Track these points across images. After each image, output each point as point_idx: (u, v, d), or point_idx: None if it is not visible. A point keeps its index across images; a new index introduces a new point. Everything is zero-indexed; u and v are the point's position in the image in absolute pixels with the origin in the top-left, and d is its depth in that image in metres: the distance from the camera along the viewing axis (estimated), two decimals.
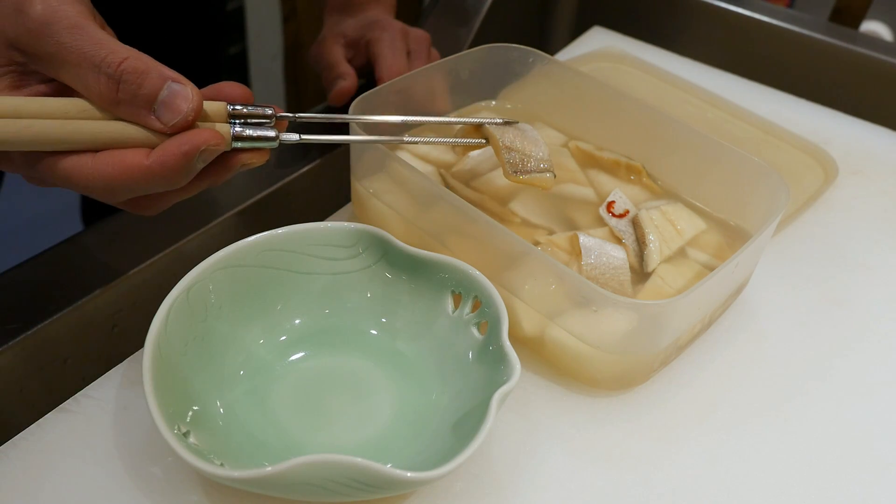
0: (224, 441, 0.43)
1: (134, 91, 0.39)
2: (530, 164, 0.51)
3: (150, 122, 0.40)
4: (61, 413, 0.46)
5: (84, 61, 0.38)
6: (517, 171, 0.51)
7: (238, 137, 0.42)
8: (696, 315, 0.49)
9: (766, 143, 0.71)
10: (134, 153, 0.40)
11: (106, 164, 0.39)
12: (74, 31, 0.38)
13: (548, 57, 0.63)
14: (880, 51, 0.80)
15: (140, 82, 0.39)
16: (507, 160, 0.51)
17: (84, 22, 0.39)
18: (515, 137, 0.52)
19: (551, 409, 0.49)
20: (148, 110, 0.39)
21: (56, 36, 0.38)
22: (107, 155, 0.40)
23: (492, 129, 0.53)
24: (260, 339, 0.49)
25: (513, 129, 0.53)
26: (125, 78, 0.39)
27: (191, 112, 0.40)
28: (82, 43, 0.38)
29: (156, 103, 0.39)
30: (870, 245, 0.63)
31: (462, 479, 0.44)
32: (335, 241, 0.50)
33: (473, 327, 0.47)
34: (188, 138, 0.40)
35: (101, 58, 0.38)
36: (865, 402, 0.51)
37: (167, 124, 0.40)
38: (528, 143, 0.52)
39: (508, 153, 0.51)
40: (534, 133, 0.53)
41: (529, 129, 0.54)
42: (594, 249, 0.52)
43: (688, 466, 0.46)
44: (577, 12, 0.98)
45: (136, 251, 0.54)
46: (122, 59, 0.39)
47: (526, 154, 0.51)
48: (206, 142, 0.40)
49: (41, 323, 0.49)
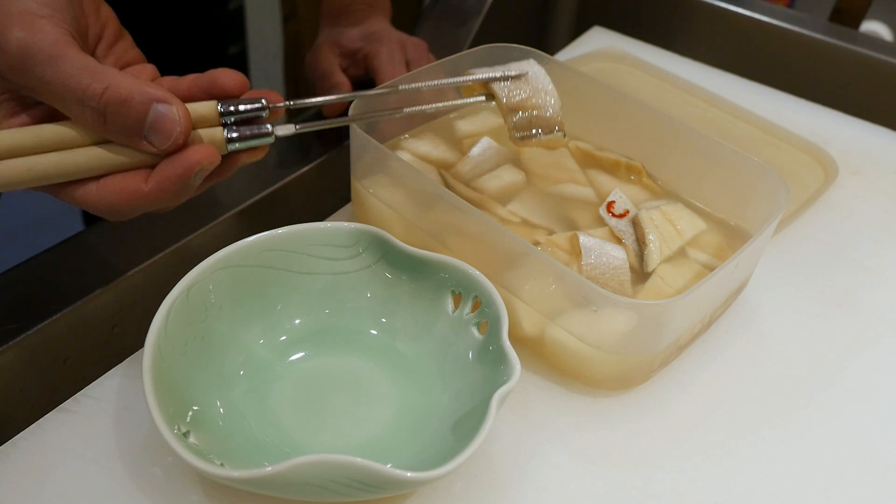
0: (224, 441, 0.43)
1: (121, 122, 0.39)
2: (538, 123, 0.48)
3: (143, 146, 0.40)
4: (61, 413, 0.46)
5: (66, 94, 0.38)
6: (524, 136, 0.49)
7: (232, 140, 0.42)
8: (696, 315, 0.49)
9: (766, 143, 0.71)
10: (134, 179, 0.40)
11: (109, 193, 0.40)
12: (53, 62, 0.38)
13: (548, 57, 0.63)
14: (880, 51, 0.80)
15: (125, 112, 0.38)
16: (514, 124, 0.49)
17: (62, 51, 0.38)
18: (523, 93, 0.49)
19: (551, 409, 0.49)
20: (139, 137, 0.39)
21: (35, 70, 0.38)
22: (109, 182, 0.40)
23: (496, 89, 0.50)
24: (260, 339, 0.49)
25: (521, 84, 0.50)
26: (110, 110, 0.38)
27: (180, 135, 0.39)
28: (62, 76, 0.38)
29: (145, 128, 0.39)
30: (870, 245, 0.63)
31: (462, 479, 0.44)
32: (335, 241, 0.50)
33: (473, 327, 0.47)
34: (181, 161, 0.40)
35: (83, 90, 0.38)
36: (865, 402, 0.51)
37: (159, 148, 0.40)
38: (536, 99, 0.49)
39: (514, 115, 0.48)
40: (544, 81, 0.50)
41: (540, 76, 0.50)
42: (594, 249, 0.51)
43: (687, 466, 0.46)
44: (577, 12, 0.98)
45: (136, 251, 0.54)
46: (104, 88, 0.38)
47: (533, 115, 0.48)
48: (200, 162, 0.40)
49: (41, 323, 0.49)
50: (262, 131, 0.42)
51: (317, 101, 0.47)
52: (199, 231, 0.56)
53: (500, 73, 0.50)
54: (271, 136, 0.42)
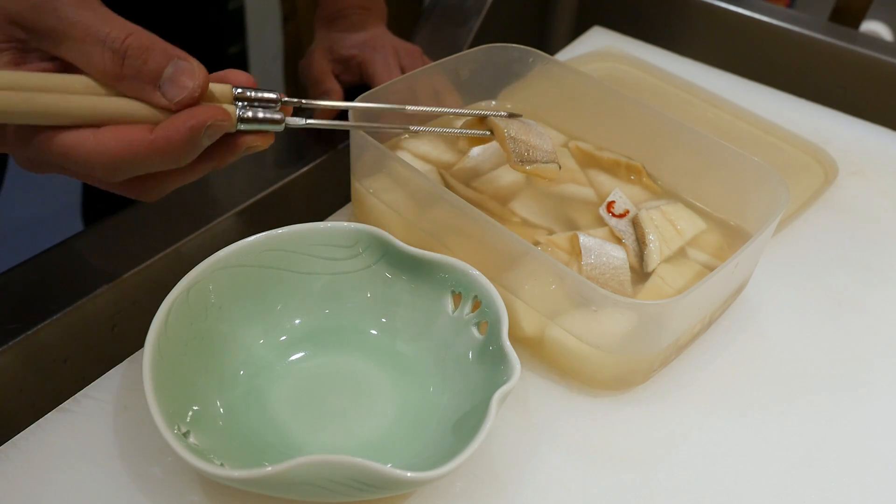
0: (224, 441, 0.43)
1: (139, 66, 0.38)
2: (536, 154, 0.51)
3: (155, 98, 0.39)
4: (61, 413, 0.46)
5: (88, 36, 0.37)
6: (523, 160, 0.51)
7: (244, 119, 0.41)
8: (696, 315, 0.49)
9: (766, 143, 0.71)
10: (138, 128, 0.39)
11: (108, 139, 0.38)
12: (79, 5, 0.38)
13: (548, 57, 0.63)
14: (880, 51, 0.80)
15: (145, 58, 0.38)
16: (513, 150, 0.51)
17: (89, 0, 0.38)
18: (520, 129, 0.52)
19: (551, 409, 0.49)
20: (153, 86, 0.39)
21: (60, 10, 0.37)
22: (109, 130, 0.38)
23: (496, 120, 0.52)
24: (260, 339, 0.49)
25: (517, 122, 0.52)
26: (130, 53, 0.38)
27: (196, 88, 0.39)
28: (87, 18, 0.38)
29: (161, 80, 0.38)
30: (870, 245, 0.63)
31: (462, 479, 0.44)
32: (335, 241, 0.50)
33: (473, 327, 0.47)
34: (195, 113, 0.39)
35: (106, 33, 0.38)
36: (865, 402, 0.51)
37: (172, 100, 0.39)
38: (532, 136, 0.52)
39: (514, 143, 0.51)
40: (539, 128, 0.53)
41: (534, 125, 0.53)
42: (594, 249, 0.52)
43: (688, 466, 0.46)
44: (577, 12, 0.98)
45: (136, 251, 0.54)
46: (128, 34, 0.38)
47: (531, 145, 0.51)
48: (213, 117, 0.39)
49: (41, 323, 0.49)
50: (274, 117, 0.42)
51: (328, 104, 0.49)
52: (199, 231, 0.56)
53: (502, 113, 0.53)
54: (281, 123, 0.42)
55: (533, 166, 0.51)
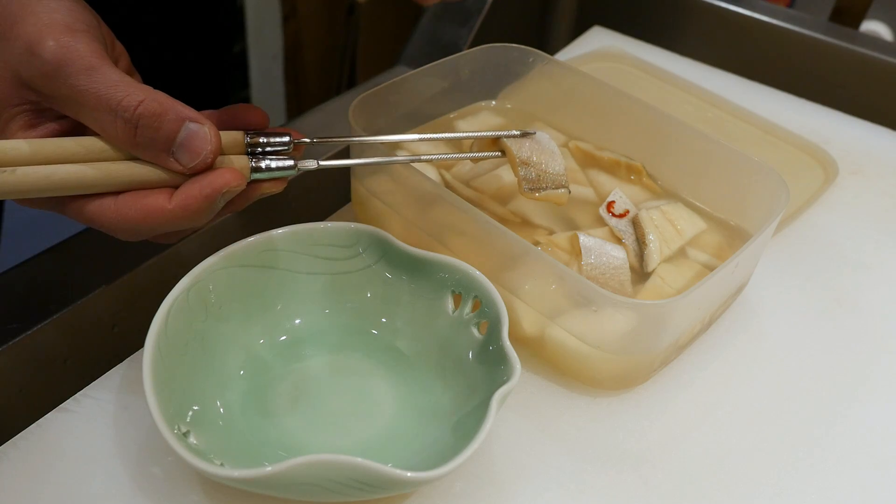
0: (224, 441, 0.43)
1: (152, 135, 0.38)
2: (546, 179, 0.51)
3: (169, 164, 0.39)
4: (61, 413, 0.46)
5: (100, 105, 0.38)
6: (533, 188, 0.51)
7: (257, 169, 0.42)
8: (696, 315, 0.49)
9: (766, 142, 0.71)
10: (156, 196, 0.39)
11: (128, 208, 0.39)
12: (89, 73, 0.38)
13: (548, 57, 0.63)
14: (880, 51, 0.80)
15: (158, 126, 0.38)
16: (524, 176, 0.51)
17: (98, 62, 0.38)
18: (532, 151, 0.51)
19: (551, 409, 0.49)
20: (167, 153, 0.39)
21: (70, 79, 0.37)
22: (129, 198, 0.39)
23: (509, 142, 0.52)
24: (260, 339, 0.49)
25: (530, 142, 0.52)
26: (142, 123, 0.38)
27: (210, 154, 0.39)
28: (98, 86, 0.38)
29: (174, 145, 0.39)
30: (870, 245, 0.63)
31: (462, 479, 0.44)
32: (335, 241, 0.50)
33: (473, 327, 0.47)
34: (209, 181, 0.39)
35: (118, 101, 0.38)
36: (865, 402, 0.51)
37: (186, 166, 0.39)
38: (544, 157, 0.51)
39: (525, 169, 0.50)
40: (551, 144, 0.53)
41: (546, 140, 0.53)
42: (594, 249, 0.52)
43: (688, 467, 0.46)
44: (577, 12, 0.98)
45: (136, 251, 0.54)
46: (139, 101, 0.38)
47: (542, 169, 0.51)
48: (228, 184, 0.40)
49: (41, 323, 0.48)
50: (287, 164, 0.43)
51: (339, 139, 0.50)
52: (199, 231, 0.56)
53: (515, 132, 0.52)
54: (294, 168, 0.43)
55: (543, 193, 0.51)
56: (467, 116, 0.65)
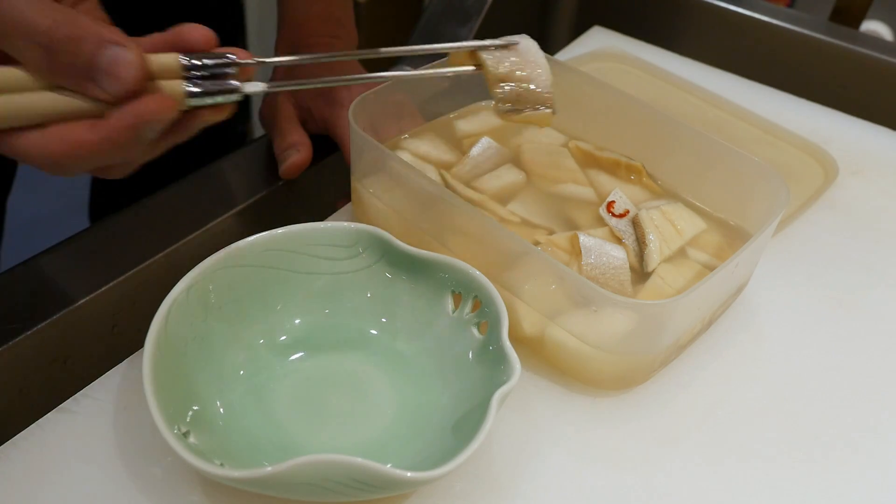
0: (224, 441, 0.43)
1: (70, 60, 0.35)
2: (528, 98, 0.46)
3: (93, 92, 0.36)
4: (61, 413, 0.46)
5: (15, 29, 0.35)
6: (511, 109, 0.46)
7: (193, 95, 0.38)
8: (696, 315, 0.49)
9: (766, 143, 0.71)
10: (80, 128, 0.37)
11: (52, 142, 0.37)
12: None
13: (548, 57, 0.63)
14: (880, 51, 0.80)
15: (75, 50, 0.35)
16: (501, 95, 0.46)
17: None
18: (513, 65, 0.46)
19: (551, 409, 0.49)
20: (88, 80, 0.36)
21: None
22: (53, 131, 0.37)
23: (485, 56, 0.46)
24: (260, 339, 0.49)
25: (512, 55, 0.46)
26: (59, 48, 0.35)
27: (134, 80, 0.36)
28: (12, 10, 0.35)
29: (96, 71, 0.36)
30: (870, 245, 0.63)
31: (462, 479, 0.44)
32: (335, 241, 0.50)
33: (473, 327, 0.47)
34: (132, 109, 0.36)
35: (33, 25, 0.35)
36: (865, 401, 0.51)
37: (110, 94, 0.36)
38: (527, 71, 0.46)
39: (502, 88, 0.45)
40: (536, 54, 0.47)
41: (532, 51, 0.47)
42: (594, 249, 0.51)
43: (688, 466, 0.46)
44: (577, 12, 0.98)
45: (136, 251, 0.54)
46: (55, 24, 0.35)
47: (523, 87, 0.46)
48: (153, 113, 0.36)
49: (41, 323, 0.49)
50: (228, 87, 0.38)
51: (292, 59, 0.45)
52: (199, 231, 0.56)
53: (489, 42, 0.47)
54: (238, 92, 0.39)
55: (522, 115, 0.46)
56: (467, 116, 0.65)
